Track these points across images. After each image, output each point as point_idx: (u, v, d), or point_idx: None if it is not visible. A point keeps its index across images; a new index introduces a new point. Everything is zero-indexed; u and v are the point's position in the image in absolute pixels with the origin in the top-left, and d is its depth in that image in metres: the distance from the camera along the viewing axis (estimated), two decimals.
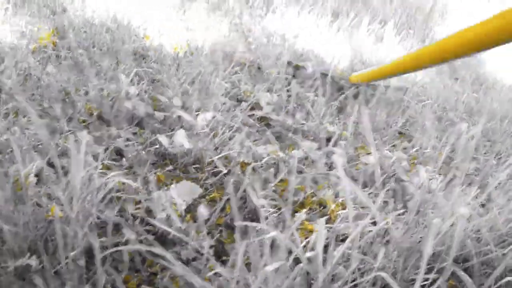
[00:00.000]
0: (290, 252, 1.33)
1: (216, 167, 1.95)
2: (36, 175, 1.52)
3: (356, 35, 4.10)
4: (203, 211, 1.54)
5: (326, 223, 1.79)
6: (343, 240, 1.61)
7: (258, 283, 1.14)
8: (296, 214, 1.75)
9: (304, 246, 1.41)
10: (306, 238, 1.55)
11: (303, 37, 3.79)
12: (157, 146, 2.00)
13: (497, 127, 3.02)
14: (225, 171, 1.92)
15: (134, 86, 2.29)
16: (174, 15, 3.65)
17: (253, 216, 1.75)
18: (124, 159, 1.86)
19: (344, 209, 1.84)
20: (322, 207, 1.91)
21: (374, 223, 1.60)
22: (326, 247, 1.56)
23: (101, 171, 1.61)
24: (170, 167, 1.92)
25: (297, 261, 1.25)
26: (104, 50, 2.76)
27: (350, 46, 3.93)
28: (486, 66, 4.85)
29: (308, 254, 1.21)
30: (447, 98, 3.38)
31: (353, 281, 1.38)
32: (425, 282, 1.47)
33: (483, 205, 2.09)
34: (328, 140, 2.36)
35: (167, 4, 3.81)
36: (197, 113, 2.14)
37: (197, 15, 3.69)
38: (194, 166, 1.96)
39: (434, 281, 1.51)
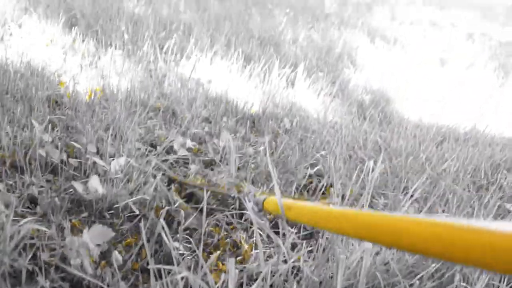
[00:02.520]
0: None
1: (131, 212, 1.98)
2: None
3: (268, 79, 4.22)
4: (117, 256, 1.56)
5: (240, 263, 1.85)
6: (257, 280, 1.67)
7: None
8: (211, 256, 1.80)
9: None
10: (221, 279, 1.59)
11: (216, 82, 3.88)
12: (72, 193, 2.01)
13: (403, 163, 3.17)
14: (139, 215, 1.96)
15: (48, 134, 2.30)
16: (89, 62, 3.68)
17: (169, 259, 1.78)
18: (38, 207, 1.86)
19: (257, 249, 1.89)
20: (236, 248, 1.97)
21: (287, 262, 1.67)
22: (241, 286, 1.63)
23: (14, 218, 1.61)
24: (85, 214, 1.93)
25: None
26: (17, 97, 2.74)
27: (262, 90, 4.05)
28: (393, 105, 5.08)
29: None
30: (356, 137, 3.53)
31: None
32: None
33: None
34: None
35: (82, 51, 3.84)
36: (111, 159, 2.16)
37: (112, 62, 3.73)
38: (109, 212, 1.98)
39: None
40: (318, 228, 2.02)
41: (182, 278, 1.27)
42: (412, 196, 2.39)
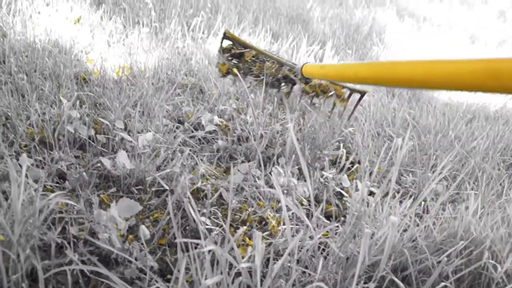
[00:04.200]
0: (232, 268, 1.38)
1: (159, 187, 1.99)
2: None
3: (296, 56, 4.19)
4: (145, 230, 1.57)
5: (267, 239, 1.85)
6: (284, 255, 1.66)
7: None
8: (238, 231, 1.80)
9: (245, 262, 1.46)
10: (247, 253, 1.59)
11: None
12: (100, 169, 2.02)
13: (432, 141, 3.13)
14: (167, 190, 1.96)
15: (76, 110, 2.31)
16: (116, 39, 3.68)
17: (196, 235, 1.78)
18: (66, 182, 1.88)
19: (284, 225, 1.89)
20: (263, 224, 1.96)
21: (313, 238, 1.67)
22: (268, 261, 1.62)
23: (43, 193, 1.63)
24: (114, 189, 1.94)
25: (239, 275, 1.29)
26: (46, 74, 2.76)
27: None
28: None
29: (244, 264, 1.24)
30: (384, 114, 3.49)
31: None
32: None
33: (420, 217, 2.18)
34: (270, 158, 2.43)
35: (109, 28, 3.84)
36: (139, 134, 2.17)
37: (139, 39, 3.73)
38: (137, 187, 1.99)
39: None
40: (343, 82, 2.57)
41: (209, 252, 1.27)
42: (440, 173, 2.36)
